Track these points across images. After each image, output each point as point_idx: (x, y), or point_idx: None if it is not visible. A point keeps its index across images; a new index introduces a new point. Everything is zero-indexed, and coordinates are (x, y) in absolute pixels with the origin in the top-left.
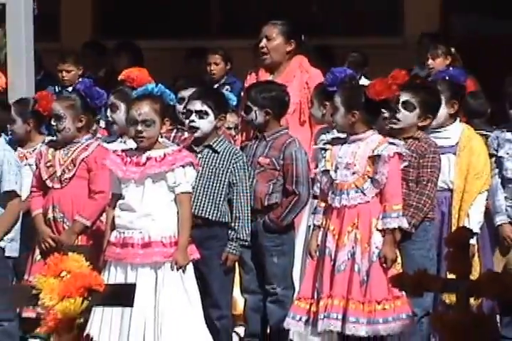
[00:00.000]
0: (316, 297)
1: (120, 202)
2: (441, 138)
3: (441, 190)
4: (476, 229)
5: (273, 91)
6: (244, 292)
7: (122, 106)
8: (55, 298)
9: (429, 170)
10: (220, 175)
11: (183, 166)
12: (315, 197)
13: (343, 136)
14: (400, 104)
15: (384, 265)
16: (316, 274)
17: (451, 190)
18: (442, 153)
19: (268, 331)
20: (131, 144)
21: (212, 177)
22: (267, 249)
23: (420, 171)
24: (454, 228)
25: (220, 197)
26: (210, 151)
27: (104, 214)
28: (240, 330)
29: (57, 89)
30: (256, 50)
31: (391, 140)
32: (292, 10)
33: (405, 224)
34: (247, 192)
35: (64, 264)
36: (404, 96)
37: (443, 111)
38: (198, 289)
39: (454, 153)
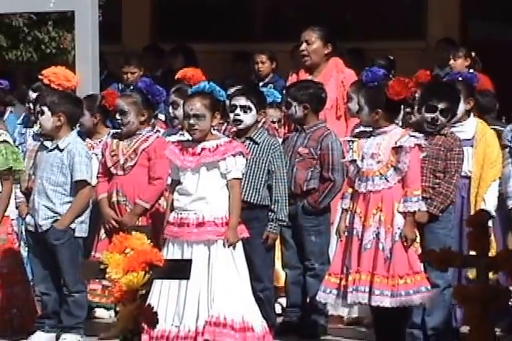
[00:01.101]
0: (345, 272)
1: (178, 187)
2: (458, 131)
3: (461, 178)
4: (491, 211)
5: (310, 89)
6: (286, 267)
7: (182, 103)
8: (120, 272)
9: (455, 162)
10: (260, 164)
11: (233, 155)
12: None
13: (368, 129)
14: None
15: (405, 244)
16: (344, 252)
17: (469, 178)
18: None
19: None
20: (189, 137)
21: (253, 165)
22: (305, 229)
23: (448, 163)
24: (472, 210)
25: (261, 183)
26: (251, 142)
27: (161, 198)
28: (283, 301)
29: (120, 87)
30: (293, 52)
31: (412, 133)
32: (327, 16)
33: (424, 208)
34: (284, 179)
35: (128, 242)
36: (442, 104)
37: (461, 107)
38: None
39: (472, 146)
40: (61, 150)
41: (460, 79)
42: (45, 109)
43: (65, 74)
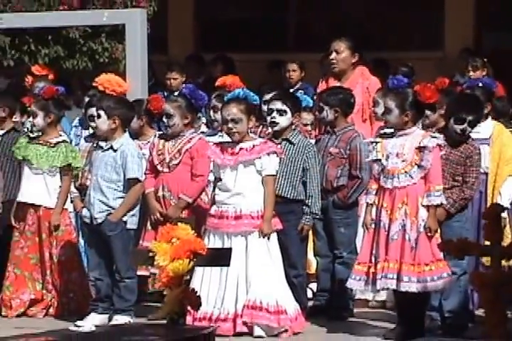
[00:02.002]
0: (373, 261)
1: (219, 183)
2: (476, 132)
3: None
4: (507, 204)
5: (340, 94)
6: (317, 255)
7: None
8: (167, 260)
9: (475, 168)
10: (296, 162)
11: (268, 154)
12: None
13: (389, 131)
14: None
15: (429, 234)
16: (372, 243)
17: (486, 174)
18: (479, 144)
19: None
20: (227, 137)
21: (290, 164)
22: (335, 222)
23: (467, 169)
24: (489, 204)
25: (296, 180)
26: (287, 143)
27: (203, 193)
28: (314, 286)
29: (165, 94)
30: (323, 61)
31: (432, 134)
32: (353, 28)
33: (445, 201)
34: (317, 176)
35: (174, 232)
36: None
37: None
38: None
39: (488, 144)
40: (115, 151)
41: (480, 85)
42: (102, 112)
43: (117, 81)
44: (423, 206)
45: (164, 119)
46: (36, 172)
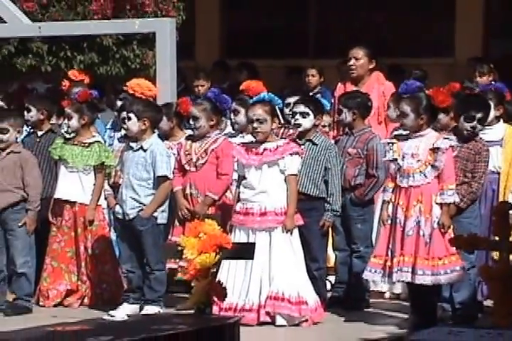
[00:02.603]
0: (389, 255)
1: (244, 181)
2: (489, 133)
3: (491, 173)
4: None
5: (359, 98)
6: (336, 250)
7: (242, 111)
8: (194, 253)
9: (483, 164)
10: (318, 162)
11: (291, 154)
12: None
13: (405, 132)
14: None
15: (442, 230)
16: (388, 238)
17: (498, 173)
18: (492, 145)
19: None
20: (248, 138)
21: (312, 163)
22: (352, 218)
23: (476, 165)
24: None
25: (318, 179)
26: (310, 144)
27: (228, 191)
28: (332, 279)
29: (191, 98)
30: (340, 66)
31: (445, 135)
32: (369, 36)
33: (458, 199)
34: (338, 175)
35: (201, 228)
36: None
37: (492, 113)
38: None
39: (501, 145)
40: (145, 150)
41: (492, 89)
42: (132, 115)
43: (146, 85)
44: (437, 204)
45: (191, 121)
46: (72, 170)
